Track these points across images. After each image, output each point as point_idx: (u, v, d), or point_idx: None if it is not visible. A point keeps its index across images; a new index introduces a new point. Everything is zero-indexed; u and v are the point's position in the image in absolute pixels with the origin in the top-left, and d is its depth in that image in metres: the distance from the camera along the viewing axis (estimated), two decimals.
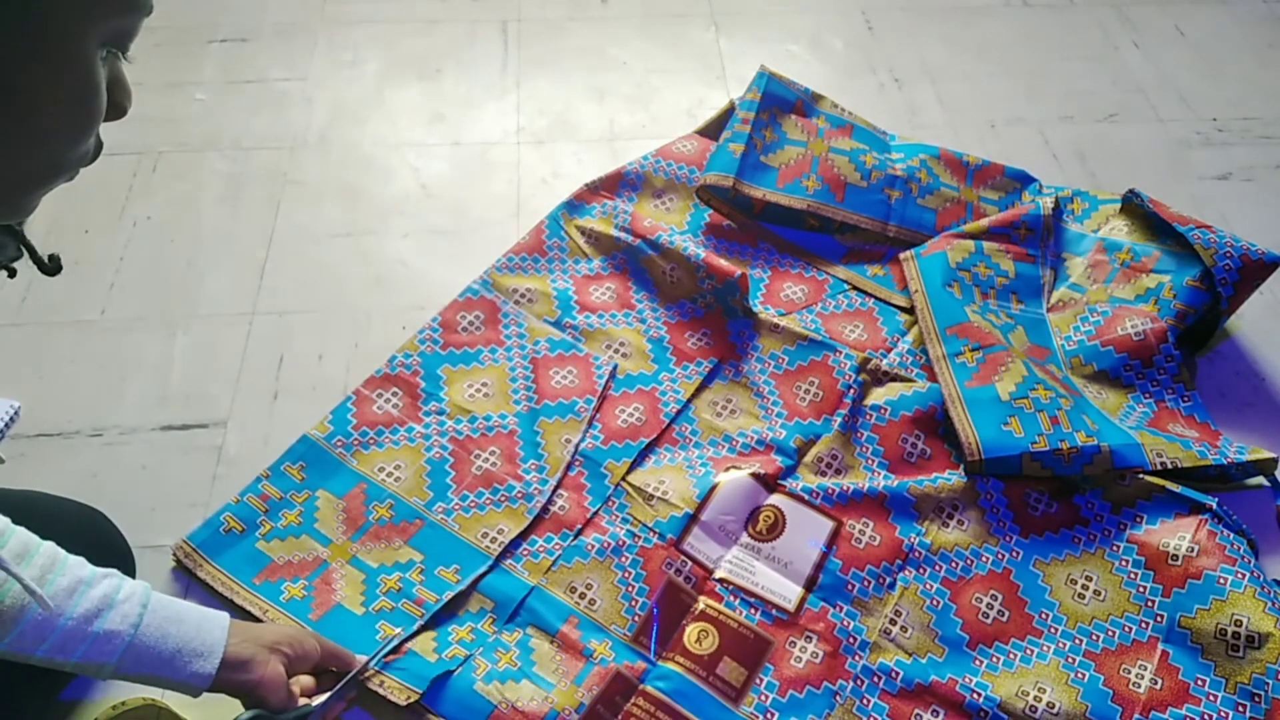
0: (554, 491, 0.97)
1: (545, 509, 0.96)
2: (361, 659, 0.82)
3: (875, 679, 0.86)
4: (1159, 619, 0.88)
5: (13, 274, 0.54)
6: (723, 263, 1.13)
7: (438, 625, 0.87)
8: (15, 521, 0.75)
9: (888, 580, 0.92)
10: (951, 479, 0.98)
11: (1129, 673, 0.86)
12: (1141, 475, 0.96)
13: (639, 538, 0.93)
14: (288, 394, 1.06)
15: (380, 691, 0.81)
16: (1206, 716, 0.82)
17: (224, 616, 0.74)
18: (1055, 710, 0.83)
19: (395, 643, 0.84)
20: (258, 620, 0.87)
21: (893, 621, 0.90)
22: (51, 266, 0.57)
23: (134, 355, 1.09)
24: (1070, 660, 0.87)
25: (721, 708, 0.83)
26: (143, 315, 1.13)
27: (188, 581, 0.90)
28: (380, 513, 0.95)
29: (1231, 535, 0.91)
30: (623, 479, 0.99)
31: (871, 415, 1.04)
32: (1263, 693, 0.82)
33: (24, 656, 0.67)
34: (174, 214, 1.25)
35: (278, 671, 0.74)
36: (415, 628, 0.86)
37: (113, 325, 1.12)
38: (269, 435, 1.02)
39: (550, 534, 0.94)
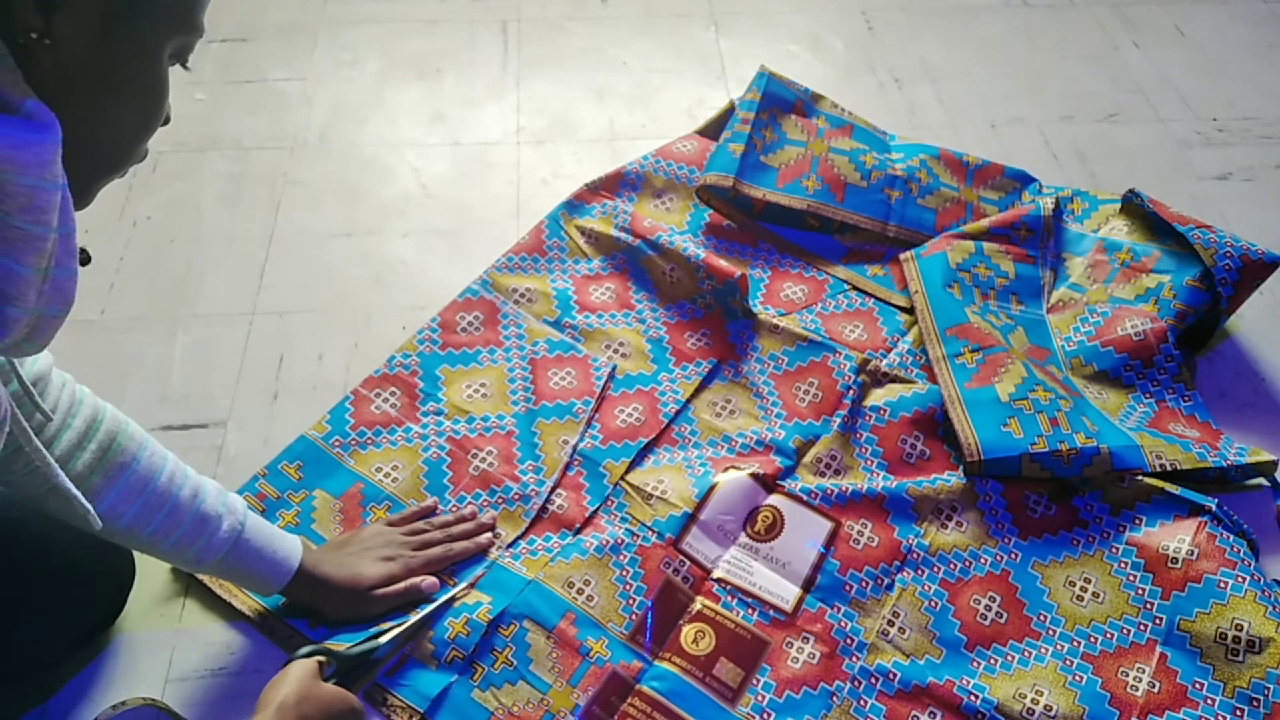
0: (551, 492, 0.97)
1: (543, 509, 0.96)
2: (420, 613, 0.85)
3: (872, 680, 0.86)
4: (1158, 622, 0.88)
5: None
6: (723, 263, 1.13)
7: (434, 623, 0.86)
8: (14, 515, 0.76)
9: (886, 581, 0.92)
10: (950, 480, 0.98)
11: (1127, 675, 0.86)
12: (1141, 477, 0.96)
13: (637, 536, 0.93)
14: (288, 394, 1.06)
15: (388, 713, 0.81)
16: None
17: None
18: (1053, 713, 0.83)
19: (394, 629, 0.83)
20: (253, 622, 0.87)
21: (890, 623, 0.89)
22: (81, 258, 0.61)
23: (134, 355, 1.09)
24: (1068, 663, 0.87)
25: (718, 708, 0.83)
26: (143, 315, 1.13)
27: (187, 582, 0.90)
28: (378, 514, 0.95)
29: (1231, 538, 0.91)
30: (621, 478, 0.99)
31: (871, 416, 1.04)
32: (1262, 697, 0.82)
33: (137, 530, 0.74)
34: (174, 214, 1.25)
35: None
36: (411, 622, 0.85)
37: (113, 325, 1.12)
38: (269, 435, 1.02)
39: (549, 533, 0.94)
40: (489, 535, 0.93)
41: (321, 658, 0.77)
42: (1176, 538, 0.92)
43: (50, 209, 0.47)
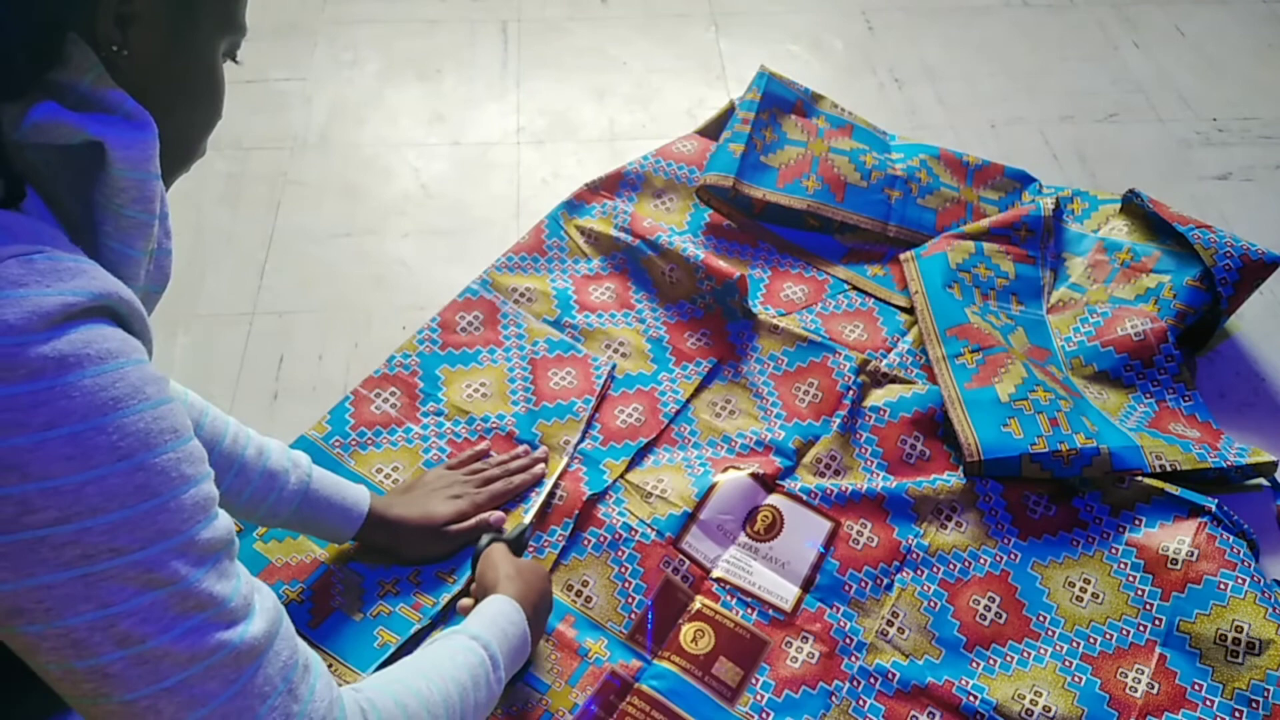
0: (551, 492, 0.97)
1: (545, 505, 0.96)
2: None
3: (871, 680, 0.86)
4: (1157, 623, 0.88)
5: None
6: (722, 264, 1.12)
7: (446, 626, 0.86)
8: None
9: (885, 581, 0.92)
10: (950, 480, 0.98)
11: (1126, 677, 0.86)
12: (1141, 478, 0.96)
13: (636, 532, 0.93)
14: (288, 394, 1.06)
15: None
16: None
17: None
18: (1051, 714, 0.83)
19: (531, 510, 0.92)
20: None
21: (889, 623, 0.89)
22: None
23: None
24: (1067, 664, 0.87)
25: (717, 707, 0.83)
26: None
27: None
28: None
29: (1231, 538, 0.91)
30: (621, 477, 0.99)
31: (870, 416, 1.04)
32: (1261, 699, 0.82)
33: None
34: (174, 214, 1.23)
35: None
36: (413, 631, 0.86)
37: None
38: (268, 435, 1.01)
39: (554, 526, 0.94)
40: (542, 466, 0.99)
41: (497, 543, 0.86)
42: (1176, 539, 0.92)
43: (154, 198, 0.53)
